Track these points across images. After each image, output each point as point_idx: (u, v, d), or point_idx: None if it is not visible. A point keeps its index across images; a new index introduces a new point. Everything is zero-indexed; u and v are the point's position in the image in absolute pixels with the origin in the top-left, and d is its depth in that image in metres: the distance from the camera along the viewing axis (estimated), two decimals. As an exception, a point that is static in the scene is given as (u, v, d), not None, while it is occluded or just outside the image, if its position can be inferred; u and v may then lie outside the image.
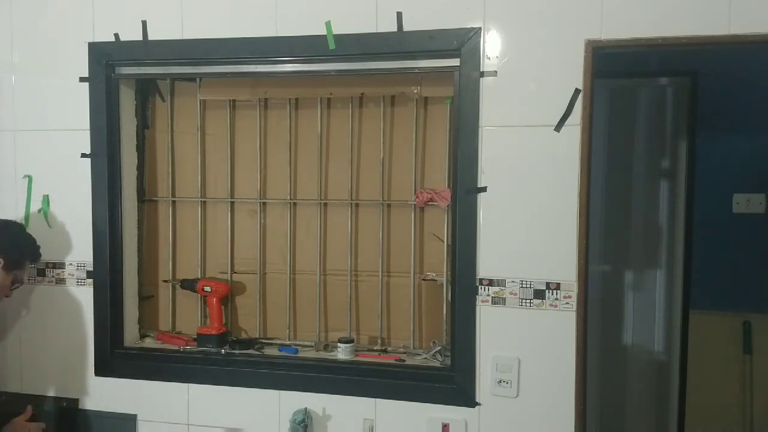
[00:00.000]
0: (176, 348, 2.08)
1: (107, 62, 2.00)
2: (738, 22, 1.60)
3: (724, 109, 2.90)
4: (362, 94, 1.99)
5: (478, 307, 1.79)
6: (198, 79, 2.08)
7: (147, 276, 2.19)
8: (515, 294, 1.77)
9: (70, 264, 2.07)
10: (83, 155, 2.03)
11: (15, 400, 2.08)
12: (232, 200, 2.13)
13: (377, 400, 1.89)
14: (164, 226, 2.18)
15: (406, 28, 1.78)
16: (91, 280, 2.05)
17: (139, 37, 1.97)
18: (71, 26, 2.02)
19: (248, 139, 2.11)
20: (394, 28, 1.79)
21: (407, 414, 1.87)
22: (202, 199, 2.14)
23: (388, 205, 2.03)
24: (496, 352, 1.79)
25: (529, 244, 1.75)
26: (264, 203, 2.11)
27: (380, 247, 2.02)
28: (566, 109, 1.70)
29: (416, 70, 1.84)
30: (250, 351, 2.05)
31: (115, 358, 2.06)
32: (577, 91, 1.69)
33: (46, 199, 2.08)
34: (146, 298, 2.19)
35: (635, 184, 3.00)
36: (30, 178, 2.09)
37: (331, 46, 1.82)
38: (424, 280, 2.01)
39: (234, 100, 2.10)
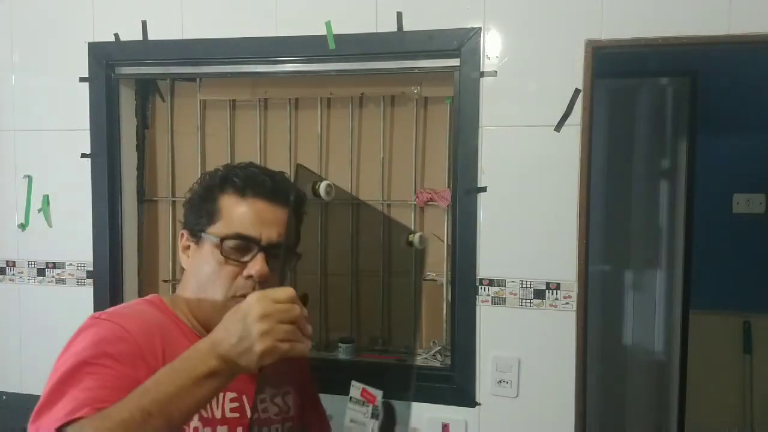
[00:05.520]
0: (176, 348, 2.08)
1: (107, 62, 2.00)
2: (738, 22, 1.60)
3: (724, 109, 2.90)
4: (362, 94, 1.99)
5: (478, 307, 1.79)
6: (198, 79, 2.08)
7: (147, 276, 2.19)
8: (515, 294, 1.77)
9: (70, 264, 2.07)
10: (83, 155, 2.03)
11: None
12: (232, 200, 2.13)
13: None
14: (164, 226, 2.18)
15: (406, 28, 1.78)
16: (91, 280, 2.05)
17: (139, 37, 1.97)
18: (71, 26, 2.02)
19: (248, 139, 2.11)
20: (394, 28, 1.79)
21: (407, 414, 1.87)
22: (202, 199, 2.14)
23: (389, 205, 2.03)
24: (496, 352, 1.79)
25: (529, 244, 1.75)
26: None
27: (380, 247, 2.02)
28: (566, 109, 1.70)
29: (416, 70, 1.84)
30: (250, 351, 2.04)
31: (115, 358, 2.06)
32: (577, 91, 1.69)
33: (46, 199, 2.08)
34: (146, 298, 2.19)
35: (635, 184, 3.00)
36: (30, 178, 2.09)
37: (331, 46, 1.82)
38: (424, 280, 2.01)
39: (234, 100, 2.10)
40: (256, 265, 0.99)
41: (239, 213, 1.00)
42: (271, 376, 1.09)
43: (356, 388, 1.33)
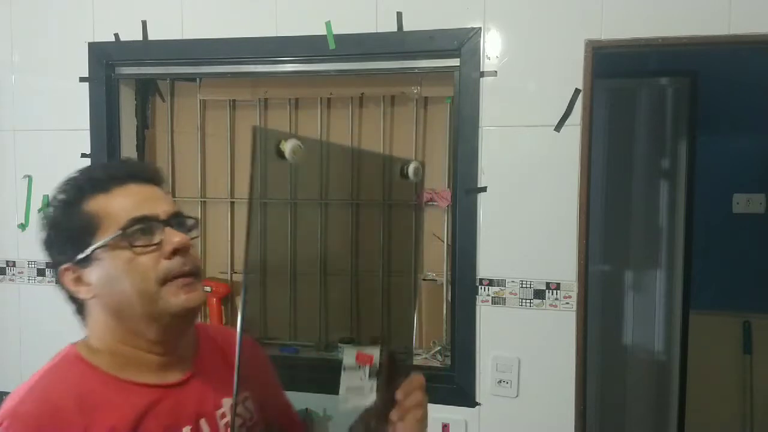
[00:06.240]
0: (176, 348, 2.08)
1: (107, 62, 2.00)
2: (738, 22, 1.60)
3: (724, 109, 2.90)
4: (362, 94, 1.99)
5: (478, 307, 1.79)
6: (198, 79, 2.08)
7: (147, 276, 2.19)
8: (515, 294, 1.77)
9: (70, 264, 2.07)
10: (83, 155, 2.03)
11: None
12: (232, 200, 2.13)
13: (377, 400, 1.89)
14: (164, 226, 2.18)
15: (406, 28, 1.78)
16: (91, 280, 2.05)
17: (139, 37, 1.97)
18: (71, 26, 2.02)
19: (248, 139, 2.10)
20: (394, 28, 1.79)
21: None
22: (201, 199, 2.14)
23: (389, 205, 2.03)
24: (496, 352, 1.79)
25: (529, 244, 1.75)
26: (265, 203, 2.11)
27: (380, 247, 2.02)
28: (566, 109, 1.70)
29: (416, 70, 1.84)
30: (250, 351, 2.05)
31: (115, 358, 2.06)
32: (577, 91, 1.69)
33: (46, 199, 2.08)
34: (146, 298, 2.19)
35: (635, 184, 3.00)
36: (30, 178, 2.09)
37: (331, 46, 1.82)
38: (424, 280, 2.01)
39: (234, 100, 2.10)
40: (175, 236, 0.88)
41: (120, 203, 0.89)
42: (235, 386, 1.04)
43: (349, 355, 1.15)
